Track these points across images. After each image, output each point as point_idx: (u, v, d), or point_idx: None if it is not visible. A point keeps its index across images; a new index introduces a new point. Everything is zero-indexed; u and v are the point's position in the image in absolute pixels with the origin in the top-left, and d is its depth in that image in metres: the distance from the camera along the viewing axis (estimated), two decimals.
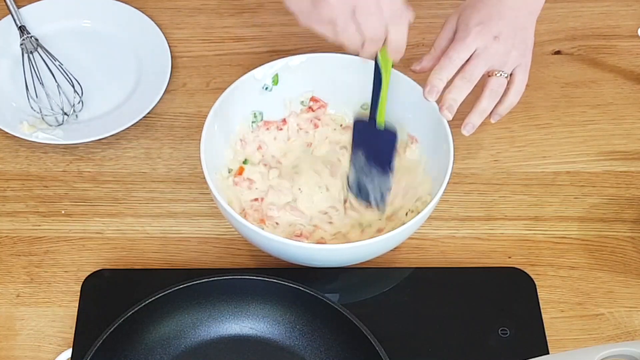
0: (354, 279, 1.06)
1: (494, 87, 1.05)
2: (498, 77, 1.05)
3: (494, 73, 1.05)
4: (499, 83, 1.06)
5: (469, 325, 1.01)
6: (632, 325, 1.03)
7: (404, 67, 1.12)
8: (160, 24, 1.27)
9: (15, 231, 1.10)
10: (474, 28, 1.04)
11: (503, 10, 1.05)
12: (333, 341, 0.98)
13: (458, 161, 1.15)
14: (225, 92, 1.07)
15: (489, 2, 1.06)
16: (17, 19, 1.25)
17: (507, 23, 1.05)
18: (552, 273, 1.07)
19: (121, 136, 1.17)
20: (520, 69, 1.06)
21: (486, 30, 1.04)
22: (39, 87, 1.18)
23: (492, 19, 1.04)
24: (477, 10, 1.06)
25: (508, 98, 1.07)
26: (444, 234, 1.10)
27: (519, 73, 1.06)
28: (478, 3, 1.06)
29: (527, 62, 1.07)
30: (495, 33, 1.04)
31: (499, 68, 1.05)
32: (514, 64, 1.06)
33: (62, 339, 1.01)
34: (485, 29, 1.04)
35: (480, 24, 1.04)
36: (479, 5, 1.06)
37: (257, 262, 1.07)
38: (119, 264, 1.07)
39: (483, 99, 1.05)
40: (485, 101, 1.06)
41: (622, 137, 1.19)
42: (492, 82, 1.05)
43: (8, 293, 1.05)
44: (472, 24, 1.05)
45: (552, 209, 1.12)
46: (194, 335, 0.99)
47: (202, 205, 1.12)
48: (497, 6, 1.05)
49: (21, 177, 1.14)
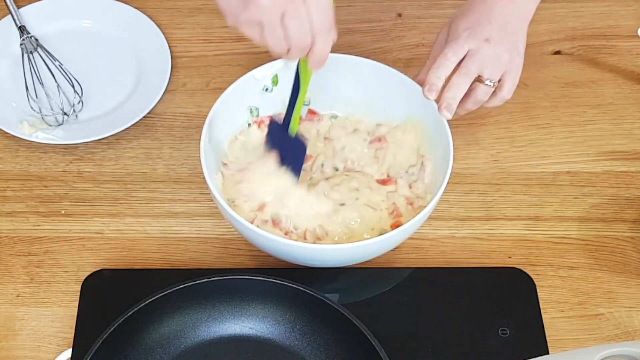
0: (354, 279, 1.06)
1: (479, 96, 1.06)
2: (486, 85, 1.05)
3: (483, 80, 1.05)
4: (485, 92, 1.06)
5: (469, 325, 1.01)
6: (632, 325, 1.03)
7: (404, 67, 1.12)
8: (160, 24, 1.27)
9: (15, 231, 1.10)
10: (464, 32, 1.05)
11: (492, 16, 1.06)
12: (333, 341, 0.98)
13: (458, 161, 1.15)
14: (225, 92, 1.07)
15: (477, 9, 1.07)
16: (17, 19, 1.25)
17: (497, 27, 1.05)
18: (552, 273, 1.07)
19: (121, 136, 1.17)
20: (509, 75, 1.06)
21: (476, 34, 1.05)
22: (39, 87, 1.18)
23: (481, 24, 1.05)
24: (466, 17, 1.07)
25: (490, 102, 1.08)
26: (444, 234, 1.10)
27: (508, 80, 1.07)
28: (467, 11, 1.08)
29: (517, 67, 1.07)
30: (486, 36, 1.04)
31: (490, 71, 1.05)
32: (504, 68, 1.06)
33: (62, 339, 1.01)
34: (474, 32, 1.05)
35: (469, 29, 1.05)
36: (468, 12, 1.07)
37: (257, 262, 1.07)
38: (119, 264, 1.07)
39: (466, 103, 1.06)
40: (468, 105, 1.07)
41: (622, 137, 1.19)
42: (478, 90, 1.06)
43: (8, 293, 1.05)
44: (461, 28, 1.06)
45: (552, 209, 1.12)
46: (194, 335, 0.99)
47: (202, 205, 1.12)
48: (485, 13, 1.06)
49: (21, 177, 1.14)
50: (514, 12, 1.07)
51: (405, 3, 1.32)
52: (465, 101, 1.06)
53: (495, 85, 1.06)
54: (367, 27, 1.29)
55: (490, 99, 1.08)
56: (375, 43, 1.28)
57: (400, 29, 1.29)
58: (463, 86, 1.04)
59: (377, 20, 1.30)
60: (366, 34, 1.29)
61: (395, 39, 1.28)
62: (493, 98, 1.08)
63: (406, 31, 1.29)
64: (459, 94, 1.04)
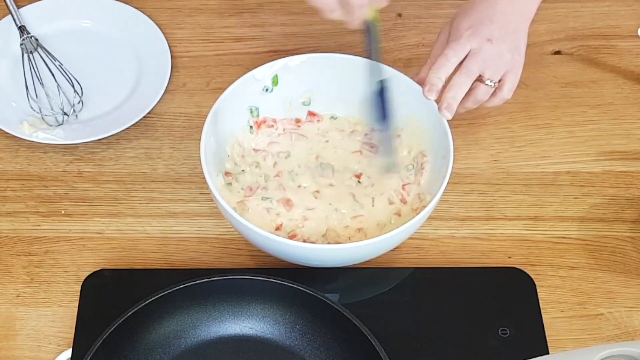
0: (354, 279, 1.06)
1: (479, 96, 1.07)
2: (486, 85, 1.06)
3: (484, 80, 1.05)
4: (486, 92, 1.07)
5: (469, 325, 1.01)
6: (632, 325, 1.03)
7: (404, 67, 1.12)
8: (160, 24, 1.27)
9: (15, 231, 1.10)
10: (466, 32, 1.05)
11: (493, 15, 1.06)
12: (333, 341, 0.98)
13: (458, 161, 1.15)
14: (225, 92, 1.07)
15: (479, 7, 1.07)
16: (17, 19, 1.25)
17: (499, 27, 1.05)
18: (552, 273, 1.07)
19: (121, 136, 1.17)
20: (511, 74, 1.07)
21: (478, 33, 1.05)
22: (39, 87, 1.18)
23: (483, 23, 1.05)
24: (468, 16, 1.07)
25: (490, 102, 1.08)
26: (444, 234, 1.10)
27: (509, 80, 1.07)
28: (469, 9, 1.08)
29: (519, 66, 1.07)
30: (488, 35, 1.04)
31: (492, 71, 1.05)
32: (506, 68, 1.06)
33: (62, 339, 1.01)
34: (476, 31, 1.05)
35: (471, 28, 1.05)
36: (470, 11, 1.07)
37: (257, 262, 1.07)
38: (119, 264, 1.07)
39: (465, 102, 1.07)
40: (468, 104, 1.07)
41: (622, 137, 1.19)
42: (479, 89, 1.06)
43: (8, 293, 1.05)
44: (463, 28, 1.06)
45: (552, 209, 1.12)
46: (194, 335, 0.99)
47: (202, 205, 1.12)
48: (487, 11, 1.06)
49: (21, 177, 1.14)
50: (515, 11, 1.07)
51: (405, 3, 1.32)
52: (465, 100, 1.06)
53: (495, 85, 1.06)
54: None
55: (490, 98, 1.08)
56: None
57: (400, 29, 1.29)
58: (464, 87, 1.04)
59: None
60: None
61: (395, 39, 1.28)
62: (493, 98, 1.08)
63: (406, 31, 1.29)
64: (459, 94, 1.04)
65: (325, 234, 1.05)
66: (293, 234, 1.04)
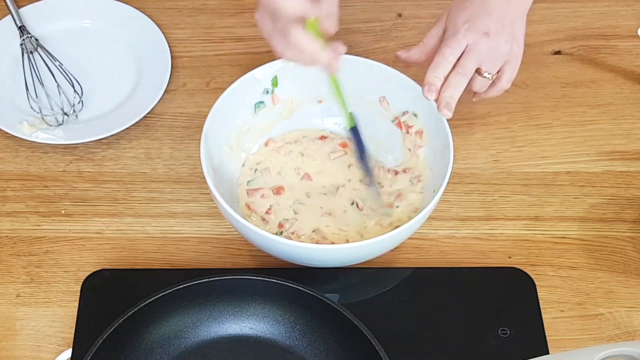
0: (354, 279, 1.06)
1: (476, 87, 1.07)
2: (484, 78, 1.06)
3: (482, 72, 1.05)
4: (483, 84, 1.07)
5: (469, 325, 1.01)
6: (632, 325, 1.03)
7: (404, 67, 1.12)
8: (160, 24, 1.27)
9: (15, 231, 1.10)
10: (462, 26, 1.05)
11: (490, 7, 1.06)
12: (333, 341, 0.98)
13: (458, 161, 1.15)
14: (225, 92, 1.07)
15: (475, 1, 1.07)
16: (17, 19, 1.25)
17: (495, 19, 1.05)
18: (552, 273, 1.07)
19: (121, 136, 1.17)
20: (509, 65, 1.07)
21: (475, 27, 1.05)
22: (39, 87, 1.18)
23: (480, 16, 1.05)
24: (464, 9, 1.07)
25: (489, 93, 1.09)
26: (444, 234, 1.10)
27: (508, 70, 1.07)
28: (465, 2, 1.07)
29: (517, 57, 1.07)
30: (484, 29, 1.04)
31: (489, 64, 1.05)
32: (503, 59, 1.06)
33: (62, 339, 1.01)
34: (473, 25, 1.05)
35: (468, 22, 1.05)
36: (466, 4, 1.07)
37: (257, 262, 1.07)
38: (119, 264, 1.07)
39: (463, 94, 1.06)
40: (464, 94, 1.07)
41: (622, 137, 1.19)
42: (475, 81, 1.07)
43: (8, 293, 1.05)
44: (460, 22, 1.06)
45: (552, 209, 1.12)
46: (194, 335, 0.99)
47: (202, 205, 1.12)
48: (483, 4, 1.06)
49: (21, 177, 1.14)
50: (511, 2, 1.07)
51: (405, 3, 1.32)
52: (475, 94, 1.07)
53: (493, 77, 1.06)
54: (367, 27, 1.29)
55: (488, 89, 1.08)
56: (375, 43, 1.28)
57: (400, 29, 1.29)
58: (460, 86, 1.04)
59: (377, 20, 1.30)
60: (366, 34, 1.29)
61: (395, 39, 1.28)
62: (492, 89, 1.08)
63: (406, 31, 1.29)
64: (457, 93, 1.04)
65: (323, 237, 1.05)
66: (282, 224, 1.04)
